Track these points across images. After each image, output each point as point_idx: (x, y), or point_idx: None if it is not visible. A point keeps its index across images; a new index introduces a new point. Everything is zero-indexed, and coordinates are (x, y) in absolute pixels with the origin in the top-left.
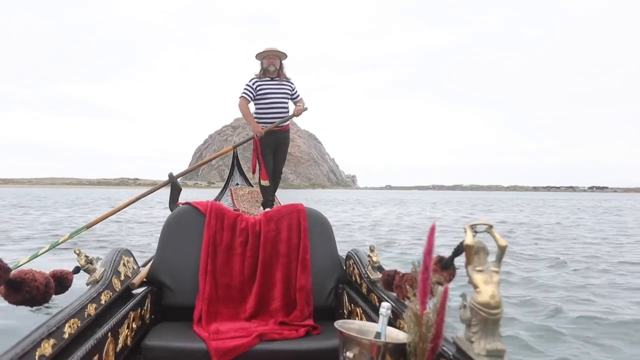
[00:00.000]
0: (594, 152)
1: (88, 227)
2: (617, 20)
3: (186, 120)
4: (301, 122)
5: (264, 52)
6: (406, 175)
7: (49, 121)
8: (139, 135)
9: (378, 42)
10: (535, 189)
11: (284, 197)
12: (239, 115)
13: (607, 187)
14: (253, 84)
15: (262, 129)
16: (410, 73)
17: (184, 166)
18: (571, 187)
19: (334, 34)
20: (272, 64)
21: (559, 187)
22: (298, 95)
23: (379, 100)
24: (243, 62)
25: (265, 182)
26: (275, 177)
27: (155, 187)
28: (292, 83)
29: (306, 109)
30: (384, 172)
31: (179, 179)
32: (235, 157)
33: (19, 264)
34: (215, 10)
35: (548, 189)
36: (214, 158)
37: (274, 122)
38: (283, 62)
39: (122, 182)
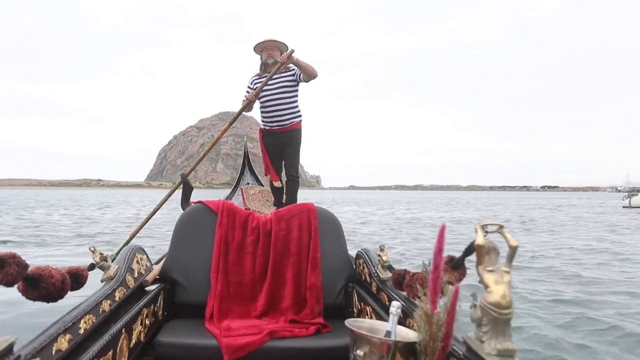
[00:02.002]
0: (547, 153)
1: (131, 237)
2: (572, 24)
3: (150, 121)
4: None
5: (261, 43)
6: (370, 175)
7: (4, 122)
8: (101, 136)
9: (345, 43)
10: (491, 188)
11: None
12: (204, 116)
13: (557, 187)
14: (252, 83)
15: (254, 90)
16: (377, 74)
17: (148, 167)
18: (525, 186)
19: (300, 34)
20: (270, 56)
21: (513, 187)
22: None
23: (344, 101)
24: (207, 62)
25: (277, 184)
26: (287, 180)
27: (173, 187)
28: (292, 69)
29: (292, 50)
30: (348, 173)
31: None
32: (246, 156)
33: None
34: (177, 10)
35: (504, 188)
36: (216, 141)
37: (281, 125)
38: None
39: (85, 183)
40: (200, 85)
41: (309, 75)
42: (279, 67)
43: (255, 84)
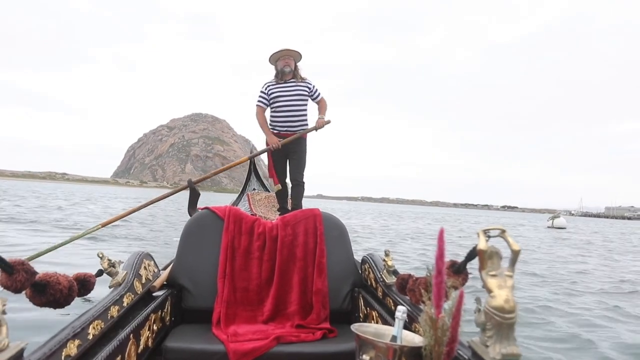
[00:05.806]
0: (508, 173)
1: (103, 225)
2: (547, 51)
3: (119, 116)
4: (237, 127)
5: (277, 52)
6: (338, 185)
7: None
8: (69, 128)
9: (325, 51)
10: (455, 205)
11: (217, 200)
12: (176, 116)
13: (517, 207)
14: (266, 89)
15: (279, 141)
16: (354, 84)
17: (115, 163)
18: (486, 205)
19: (279, 39)
20: (287, 65)
21: (476, 205)
22: (318, 95)
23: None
24: (181, 60)
25: (276, 187)
26: (292, 185)
27: (174, 190)
28: (309, 83)
29: (328, 121)
30: (317, 181)
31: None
32: (252, 163)
33: (38, 254)
34: (152, 4)
35: (466, 206)
36: (230, 167)
37: (290, 130)
38: (298, 64)
39: (49, 176)
40: (173, 83)
41: (317, 129)
42: (311, 129)
43: (270, 90)
